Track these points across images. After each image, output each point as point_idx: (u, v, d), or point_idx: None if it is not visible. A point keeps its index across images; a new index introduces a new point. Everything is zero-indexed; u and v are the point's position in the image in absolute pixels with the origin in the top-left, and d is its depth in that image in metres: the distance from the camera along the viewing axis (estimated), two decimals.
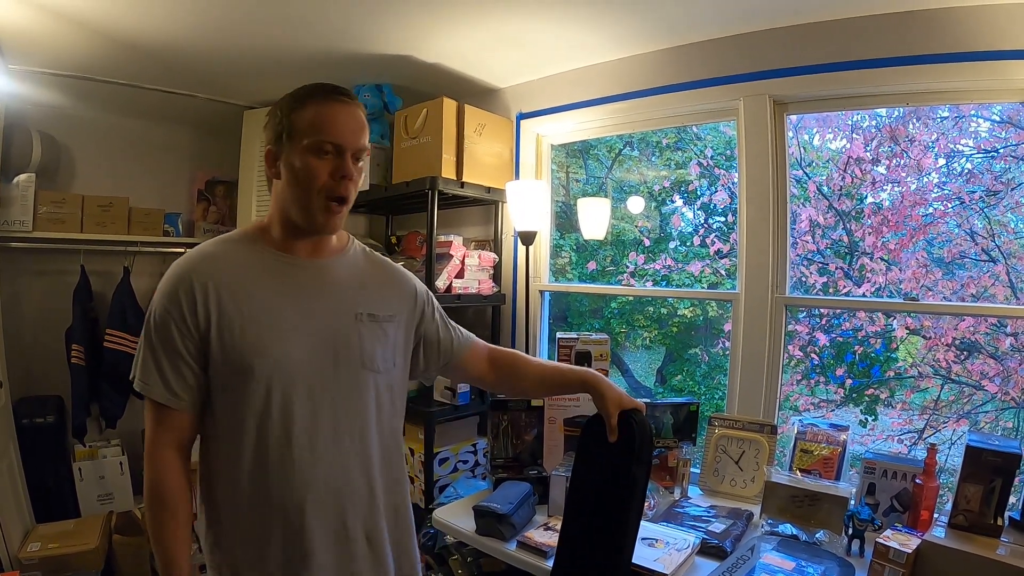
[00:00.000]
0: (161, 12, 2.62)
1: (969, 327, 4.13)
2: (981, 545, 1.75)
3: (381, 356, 1.61)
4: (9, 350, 3.42)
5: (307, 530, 1.46)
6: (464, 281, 3.25)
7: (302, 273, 1.55)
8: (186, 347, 1.43)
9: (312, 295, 1.54)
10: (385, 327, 1.64)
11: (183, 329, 1.43)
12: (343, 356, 1.53)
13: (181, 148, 4.47)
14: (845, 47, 2.41)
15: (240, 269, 1.50)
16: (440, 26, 2.73)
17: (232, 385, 1.45)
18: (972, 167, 4.14)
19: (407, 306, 1.72)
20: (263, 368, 1.43)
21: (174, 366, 1.43)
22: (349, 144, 1.46)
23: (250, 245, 1.55)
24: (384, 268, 1.75)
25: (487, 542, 2.21)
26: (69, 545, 3.16)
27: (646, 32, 2.75)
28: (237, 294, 1.46)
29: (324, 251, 1.61)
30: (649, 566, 1.83)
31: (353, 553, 1.54)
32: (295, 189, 1.47)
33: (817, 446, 2.37)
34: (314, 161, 1.44)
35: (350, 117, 1.48)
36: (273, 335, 1.46)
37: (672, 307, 6.15)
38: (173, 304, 1.43)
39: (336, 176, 1.46)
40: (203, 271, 1.46)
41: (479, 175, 3.24)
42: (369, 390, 1.58)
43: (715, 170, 5.40)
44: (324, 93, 1.48)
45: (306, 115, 1.45)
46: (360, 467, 1.55)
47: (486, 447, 2.99)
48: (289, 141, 1.47)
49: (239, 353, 1.43)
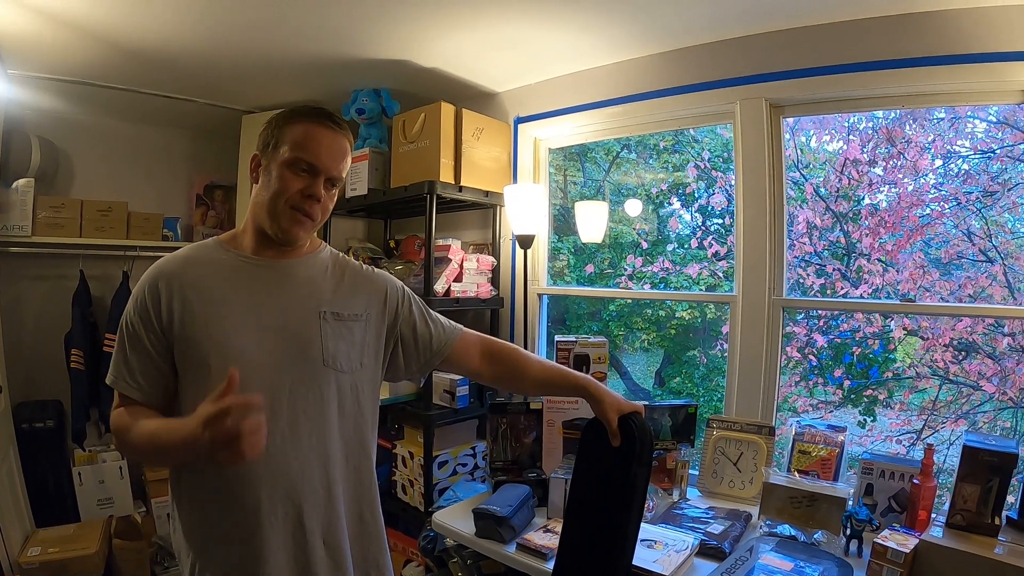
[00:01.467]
0: (159, 17, 2.62)
1: (967, 327, 4.14)
2: (979, 544, 1.75)
3: (346, 355, 1.62)
4: (8, 355, 3.43)
5: (262, 528, 1.47)
6: (463, 285, 3.26)
7: (267, 272, 1.60)
8: (153, 346, 1.49)
9: (274, 293, 1.58)
10: (351, 326, 1.65)
11: (150, 328, 1.49)
12: (304, 354, 1.56)
13: (180, 153, 4.48)
14: (841, 50, 2.41)
15: (206, 270, 1.56)
16: (437, 31, 2.74)
17: (193, 380, 1.49)
18: (969, 168, 4.15)
19: (376, 307, 1.73)
20: (220, 363, 1.46)
21: (142, 365, 1.50)
22: (324, 168, 1.52)
23: (221, 249, 1.62)
24: (352, 269, 1.77)
25: (487, 545, 2.21)
26: (69, 550, 3.16)
27: (643, 36, 2.76)
28: (200, 292, 1.51)
29: (292, 254, 1.65)
30: (649, 567, 1.84)
31: (310, 558, 1.53)
32: (266, 195, 1.54)
33: (815, 447, 2.38)
34: (289, 175, 1.51)
35: (333, 144, 1.54)
36: (231, 331, 1.49)
37: (670, 309, 6.16)
38: (141, 306, 1.50)
39: (304, 193, 1.52)
40: (169, 272, 1.53)
41: (477, 179, 3.25)
42: (331, 388, 1.59)
43: (712, 172, 5.41)
44: (317, 116, 1.55)
45: (294, 131, 1.52)
46: (319, 467, 1.55)
47: (485, 450, 2.99)
48: (274, 151, 1.54)
49: (198, 348, 1.48)
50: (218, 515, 1.48)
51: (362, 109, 3.46)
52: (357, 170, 3.48)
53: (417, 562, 3.23)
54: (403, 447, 3.29)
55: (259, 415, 1.25)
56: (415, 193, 3.12)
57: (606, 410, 1.71)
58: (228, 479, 1.45)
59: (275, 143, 1.53)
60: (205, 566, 1.50)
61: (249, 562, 1.47)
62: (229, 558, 1.48)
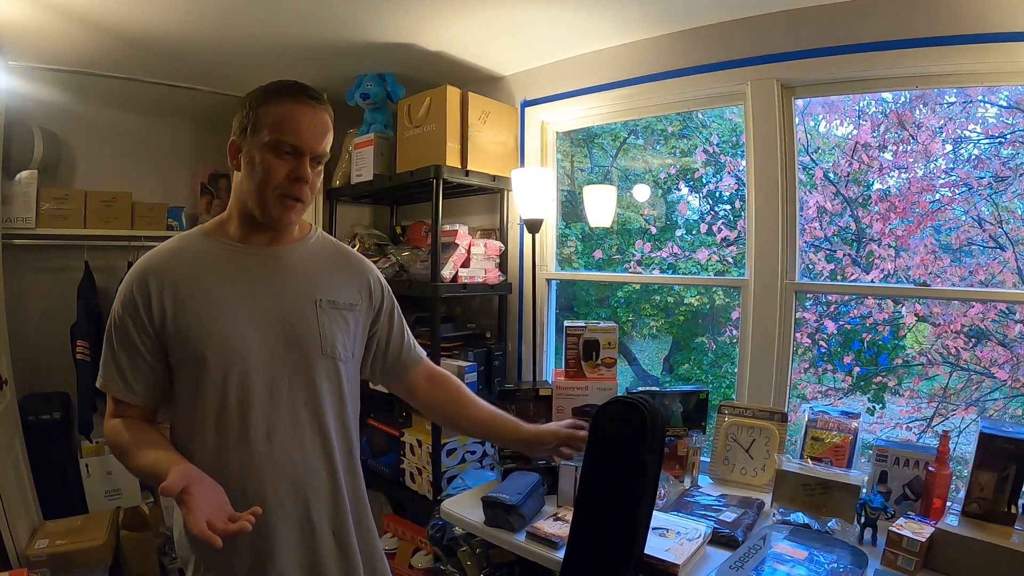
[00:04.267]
0: (160, 5, 2.60)
1: (978, 314, 4.11)
2: (995, 533, 1.74)
3: (343, 343, 1.62)
4: (14, 347, 3.42)
5: (269, 523, 1.46)
6: (470, 270, 3.24)
7: (258, 261, 1.56)
8: (144, 344, 1.46)
9: (267, 282, 1.55)
10: (346, 315, 1.64)
11: (140, 327, 1.45)
12: (302, 342, 1.54)
13: (183, 142, 4.47)
14: (854, 29, 2.37)
15: (195, 261, 1.52)
16: (443, 14, 2.71)
17: (190, 376, 1.46)
18: (979, 152, 4.11)
19: (364, 297, 1.72)
20: (217, 356, 1.44)
21: (132, 363, 1.46)
22: (308, 148, 1.46)
23: (207, 238, 1.58)
24: (343, 254, 1.76)
25: (496, 533, 2.19)
26: (77, 541, 3.16)
27: (651, 17, 2.72)
28: (191, 286, 1.48)
29: (282, 240, 1.62)
30: (661, 556, 1.82)
31: (319, 549, 1.53)
32: (252, 183, 1.49)
33: (828, 434, 2.35)
34: (272, 159, 1.45)
35: (314, 120, 1.48)
36: (227, 323, 1.47)
37: (678, 295, 6.14)
38: (130, 304, 1.46)
39: (291, 177, 1.46)
40: (157, 268, 1.49)
41: (484, 163, 3.22)
42: (328, 377, 1.58)
43: (721, 157, 5.38)
44: (293, 92, 1.47)
45: (271, 112, 1.45)
46: (322, 456, 1.55)
47: None
48: (253, 135, 1.47)
49: (193, 343, 1.44)
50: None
51: (367, 94, 3.42)
52: (362, 156, 3.45)
53: (426, 550, 3.23)
54: (411, 435, 3.27)
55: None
56: (421, 178, 3.09)
57: (552, 437, 1.82)
58: (233, 475, 1.43)
59: (253, 126, 1.47)
60: (210, 564, 1.48)
61: (258, 558, 1.46)
62: (235, 554, 1.46)
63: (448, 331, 3.39)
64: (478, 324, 3.66)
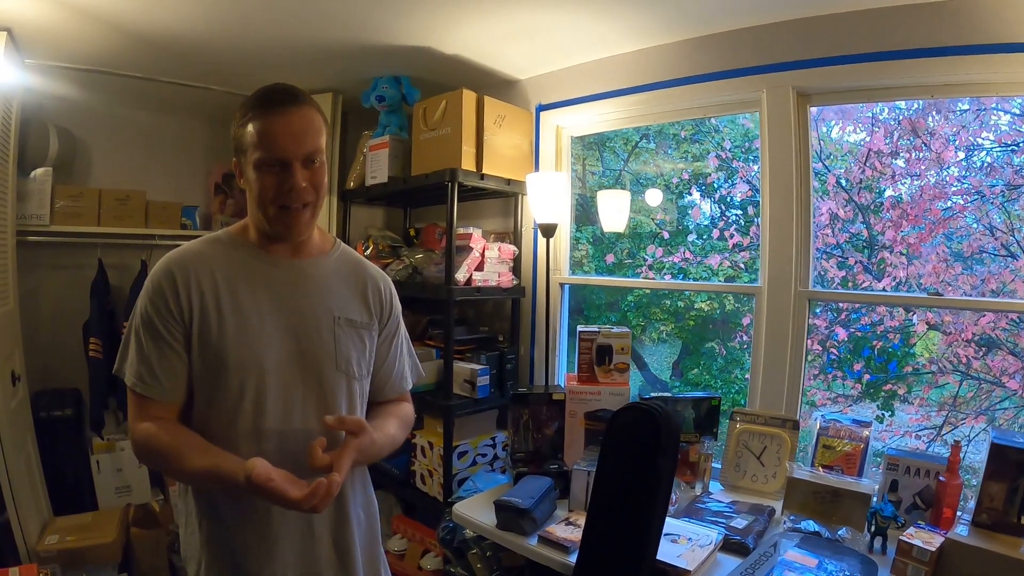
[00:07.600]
0: (176, 5, 2.61)
1: (989, 323, 4.10)
2: (1005, 544, 1.73)
3: (357, 361, 1.63)
4: (27, 344, 3.45)
5: (273, 529, 1.49)
6: (484, 274, 3.24)
7: (281, 273, 1.57)
8: (172, 334, 1.45)
9: (290, 295, 1.56)
10: (362, 334, 1.65)
11: (168, 318, 1.45)
12: (317, 357, 1.55)
13: (198, 141, 4.48)
14: (869, 38, 2.37)
15: (220, 267, 1.52)
16: (459, 18, 2.72)
17: (207, 379, 1.47)
18: (992, 160, 4.10)
19: (376, 317, 1.72)
20: (237, 362, 1.45)
21: (161, 355, 1.45)
22: (292, 155, 1.43)
23: (232, 244, 1.58)
24: (363, 272, 1.74)
25: (508, 537, 2.20)
26: (87, 538, 3.16)
27: (666, 23, 2.72)
28: (217, 291, 1.48)
29: (304, 252, 1.62)
30: (673, 562, 1.82)
31: (317, 556, 1.55)
32: (253, 201, 1.51)
33: (839, 442, 2.35)
34: (262, 176, 1.45)
35: (290, 127, 1.43)
36: (248, 333, 1.48)
37: (689, 300, 6.14)
38: (158, 296, 1.45)
39: (284, 189, 1.45)
40: (185, 266, 1.49)
41: (499, 167, 3.22)
42: (344, 393, 1.59)
43: (733, 162, 5.37)
44: (265, 104, 1.44)
45: (252, 130, 1.44)
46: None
47: (506, 440, 2.98)
48: (242, 156, 1.49)
49: (215, 349, 1.45)
50: (231, 519, 1.49)
51: (382, 96, 3.44)
52: (377, 158, 3.47)
53: (436, 553, 3.23)
54: (422, 437, 3.27)
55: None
56: (436, 181, 3.10)
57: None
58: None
59: (240, 147, 1.48)
60: (212, 564, 1.50)
61: (258, 560, 1.49)
62: (236, 554, 1.49)
63: (461, 334, 3.39)
64: (491, 327, 3.67)
